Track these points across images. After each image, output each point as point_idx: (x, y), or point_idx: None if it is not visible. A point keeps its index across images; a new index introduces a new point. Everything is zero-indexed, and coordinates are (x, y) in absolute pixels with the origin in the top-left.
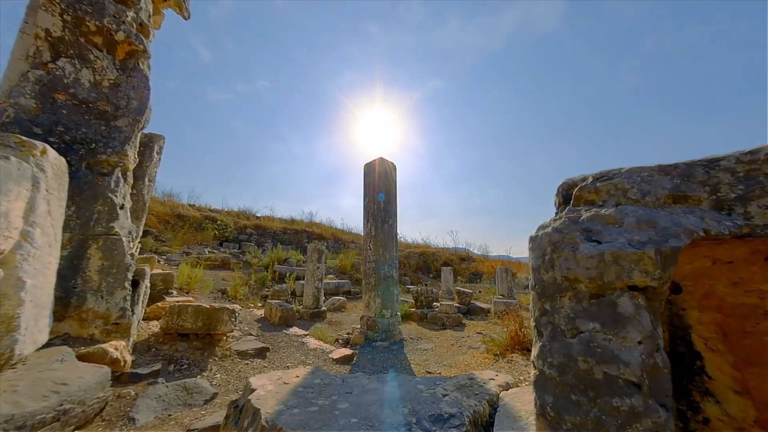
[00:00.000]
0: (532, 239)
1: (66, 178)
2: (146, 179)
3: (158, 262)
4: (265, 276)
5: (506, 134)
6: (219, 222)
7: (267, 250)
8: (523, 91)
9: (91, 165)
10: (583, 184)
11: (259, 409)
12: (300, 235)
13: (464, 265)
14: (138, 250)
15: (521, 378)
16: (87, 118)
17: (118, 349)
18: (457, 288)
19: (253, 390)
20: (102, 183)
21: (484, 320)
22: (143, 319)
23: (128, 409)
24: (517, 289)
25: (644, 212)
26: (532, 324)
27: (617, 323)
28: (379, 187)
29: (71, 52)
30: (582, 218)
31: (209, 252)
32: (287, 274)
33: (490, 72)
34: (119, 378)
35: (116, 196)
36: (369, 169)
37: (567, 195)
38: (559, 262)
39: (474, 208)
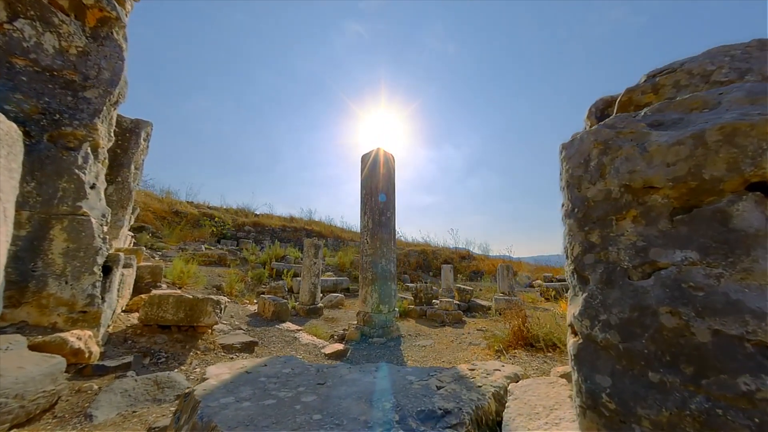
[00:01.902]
0: (566, 146)
1: (20, 146)
2: (132, 167)
3: (153, 257)
4: (262, 272)
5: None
6: (217, 219)
7: (265, 247)
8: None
9: (54, 138)
10: (633, 86)
11: (199, 402)
12: (299, 233)
13: (465, 263)
14: (131, 244)
15: (526, 375)
16: (51, 86)
17: (82, 338)
18: (458, 285)
19: (205, 380)
20: (67, 158)
21: (485, 317)
22: (125, 311)
23: (87, 404)
24: (518, 287)
25: (753, 85)
26: (569, 270)
27: (733, 248)
28: (377, 179)
29: (32, 13)
30: (643, 113)
31: (206, 248)
32: (284, 271)
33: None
34: (82, 371)
35: (84, 174)
36: (366, 161)
37: (603, 115)
38: (614, 166)
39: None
